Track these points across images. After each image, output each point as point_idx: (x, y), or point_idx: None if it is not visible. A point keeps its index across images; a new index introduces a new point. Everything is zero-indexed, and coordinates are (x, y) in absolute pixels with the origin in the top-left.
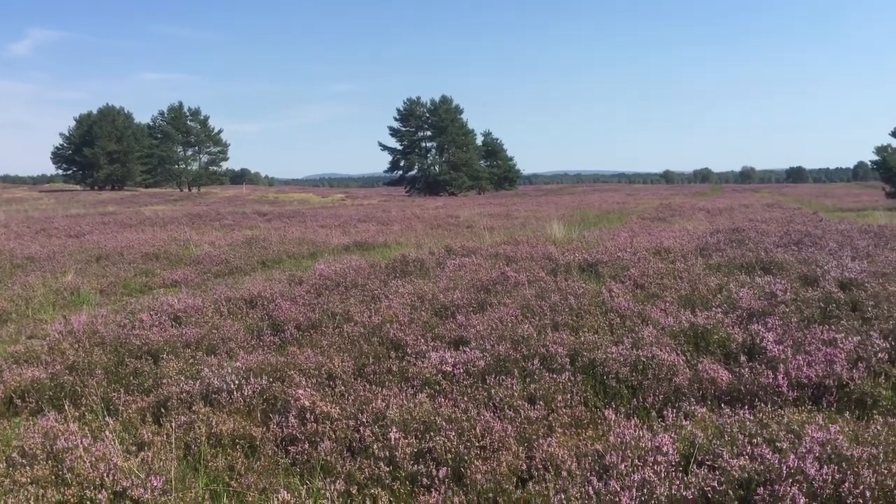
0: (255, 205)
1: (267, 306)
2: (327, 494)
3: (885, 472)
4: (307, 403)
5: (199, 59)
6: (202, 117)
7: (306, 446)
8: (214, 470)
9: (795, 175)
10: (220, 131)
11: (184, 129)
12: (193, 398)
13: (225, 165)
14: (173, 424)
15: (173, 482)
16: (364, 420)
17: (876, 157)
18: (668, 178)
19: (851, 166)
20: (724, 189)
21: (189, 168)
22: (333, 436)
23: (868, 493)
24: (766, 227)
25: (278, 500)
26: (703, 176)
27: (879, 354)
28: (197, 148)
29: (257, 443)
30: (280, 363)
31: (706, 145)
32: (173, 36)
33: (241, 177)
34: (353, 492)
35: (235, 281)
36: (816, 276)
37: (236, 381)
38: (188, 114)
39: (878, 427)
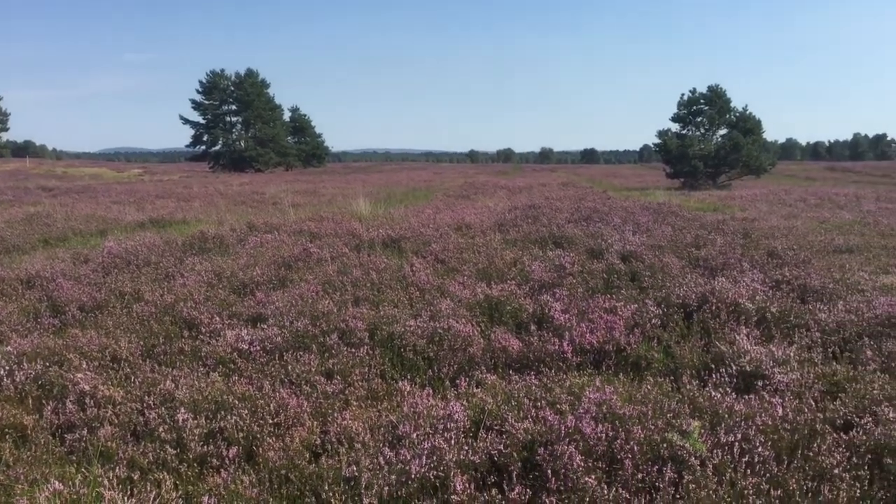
0: (39, 179)
1: (46, 286)
2: (105, 482)
3: (653, 427)
4: (87, 388)
5: None
6: None
7: (85, 433)
8: None
9: (589, 156)
10: None
11: None
12: None
13: (5, 137)
14: None
15: None
16: (151, 402)
17: (658, 141)
18: (473, 157)
19: (637, 149)
20: (525, 169)
21: None
22: (116, 420)
23: (637, 448)
24: (560, 204)
25: (50, 490)
26: (505, 156)
27: (653, 321)
28: None
29: (29, 431)
30: (59, 346)
31: (509, 127)
32: None
33: (24, 149)
34: (136, 477)
35: (12, 260)
36: (602, 249)
37: (7, 367)
38: None
39: (649, 387)
